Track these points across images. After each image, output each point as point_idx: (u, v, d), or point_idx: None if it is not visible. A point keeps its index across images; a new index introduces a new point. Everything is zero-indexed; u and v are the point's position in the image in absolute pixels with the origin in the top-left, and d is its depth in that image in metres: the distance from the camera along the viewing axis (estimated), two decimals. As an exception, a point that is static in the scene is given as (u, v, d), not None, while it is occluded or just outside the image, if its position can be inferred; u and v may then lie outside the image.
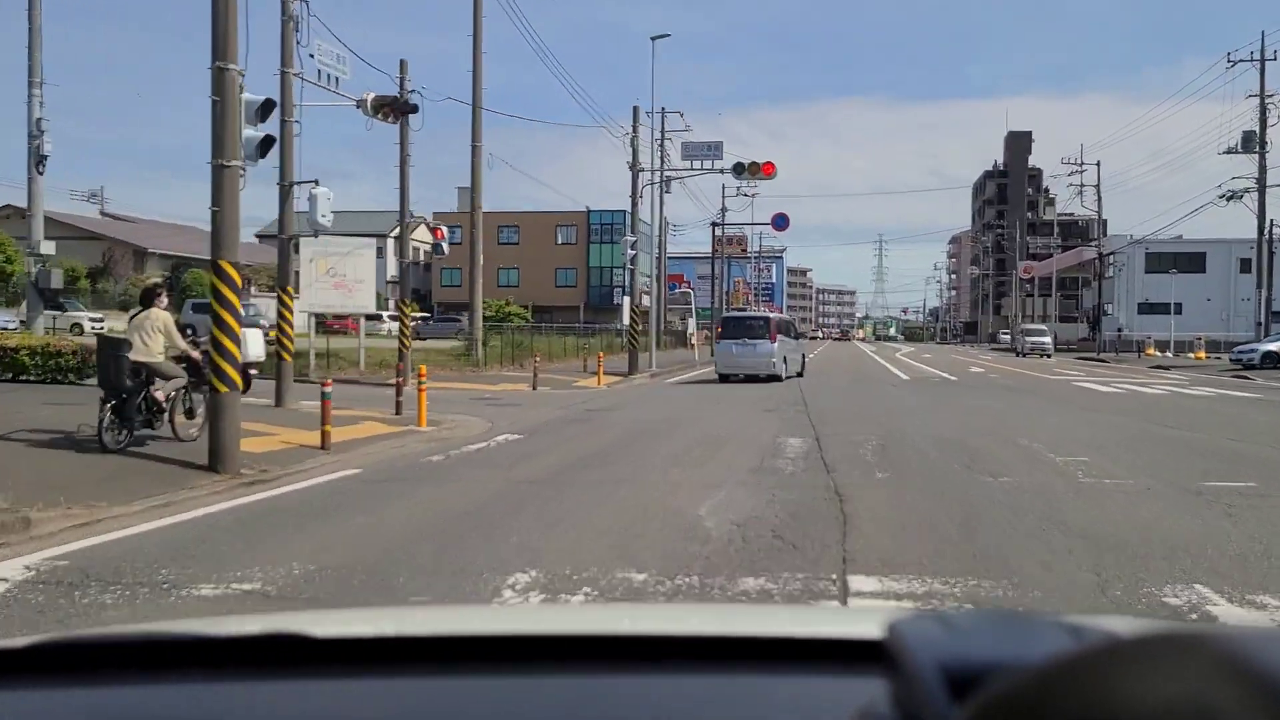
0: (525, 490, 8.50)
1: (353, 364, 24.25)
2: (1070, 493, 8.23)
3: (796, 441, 11.91)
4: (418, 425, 14.08)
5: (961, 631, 0.77)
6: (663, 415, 15.68)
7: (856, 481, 8.88)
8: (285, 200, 16.47)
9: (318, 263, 22.93)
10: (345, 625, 1.37)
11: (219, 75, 9.42)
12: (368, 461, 10.70)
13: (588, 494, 8.31)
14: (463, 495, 8.32)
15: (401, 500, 8.06)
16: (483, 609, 3.98)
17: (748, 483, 8.84)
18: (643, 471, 9.55)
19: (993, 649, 0.71)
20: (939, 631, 0.75)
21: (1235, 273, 62.16)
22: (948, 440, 11.97)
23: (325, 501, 8.13)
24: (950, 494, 8.20)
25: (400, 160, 22.01)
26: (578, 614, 2.34)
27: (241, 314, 9.95)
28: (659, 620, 1.57)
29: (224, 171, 9.48)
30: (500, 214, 74.28)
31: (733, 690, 1.08)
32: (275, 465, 10.18)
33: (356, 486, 8.88)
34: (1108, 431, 13.11)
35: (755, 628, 1.33)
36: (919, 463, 10.08)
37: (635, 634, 1.24)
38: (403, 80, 21.77)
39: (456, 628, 1.29)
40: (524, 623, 1.50)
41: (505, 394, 20.72)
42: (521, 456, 10.78)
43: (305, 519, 7.39)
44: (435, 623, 1.40)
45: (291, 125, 16.41)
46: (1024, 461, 10.16)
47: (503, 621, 1.56)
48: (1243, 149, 40.03)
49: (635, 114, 27.67)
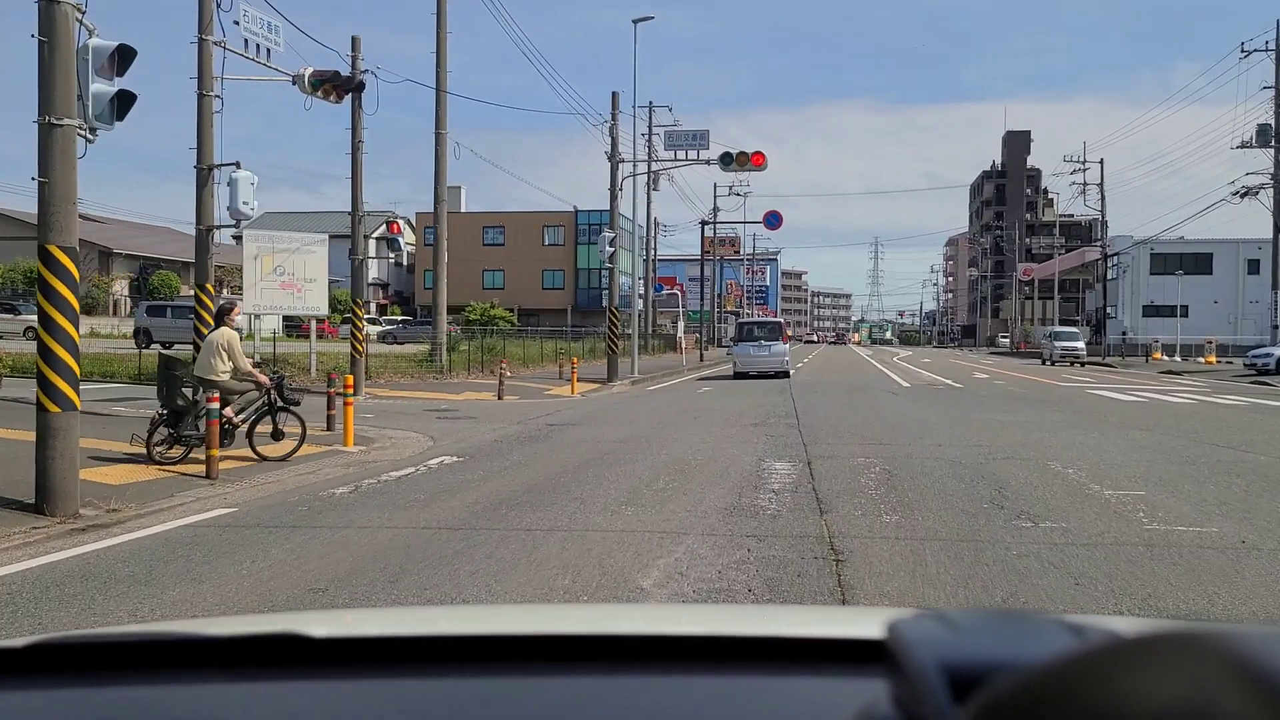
0: (424, 543, 6.48)
1: (303, 370, 22.19)
2: (1142, 550, 6.22)
3: (784, 468, 9.89)
4: (343, 445, 12.06)
5: (963, 631, 0.76)
6: (632, 432, 13.65)
7: (857, 528, 6.88)
8: (203, 185, 14.46)
9: (263, 260, 20.90)
10: (343, 625, 1.40)
11: (47, 10, 7.40)
12: (255, 495, 8.68)
13: (505, 549, 6.31)
14: (337, 550, 6.30)
15: (250, 562, 6.04)
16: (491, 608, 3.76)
17: (717, 531, 6.83)
18: (586, 513, 7.53)
19: (994, 649, 0.71)
20: (940, 631, 0.75)
21: (1243, 274, 60.26)
22: (966, 465, 9.97)
23: (152, 561, 6.11)
24: (985, 551, 6.19)
25: (352, 146, 19.93)
26: (578, 614, 2.03)
27: (76, 312, 7.94)
28: (659, 621, 1.56)
29: (54, 132, 7.48)
30: (485, 214, 72.27)
31: (734, 691, 1.07)
32: (135, 502, 8.18)
33: (211, 536, 6.86)
34: (1154, 453, 11.09)
35: (756, 628, 1.33)
36: (936, 498, 8.08)
37: (635, 634, 1.22)
38: (355, 59, 19.71)
39: (457, 628, 1.29)
40: (525, 623, 1.44)
41: (465, 405, 18.70)
42: (445, 489, 8.76)
43: (104, 590, 5.37)
44: (434, 623, 1.42)
45: (210, 100, 14.41)
46: (1066, 497, 8.16)
47: (508, 621, 1.49)
48: (1257, 143, 38.09)
49: (614, 100, 25.57)
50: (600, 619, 1.57)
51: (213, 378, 10.28)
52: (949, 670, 0.66)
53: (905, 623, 0.77)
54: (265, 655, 1.12)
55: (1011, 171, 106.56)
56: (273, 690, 1.07)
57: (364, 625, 1.39)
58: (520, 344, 33.50)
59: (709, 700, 1.06)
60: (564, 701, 1.03)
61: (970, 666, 0.66)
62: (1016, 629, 0.79)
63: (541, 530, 6.89)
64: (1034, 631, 0.77)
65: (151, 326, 33.79)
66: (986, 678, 0.63)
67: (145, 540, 6.76)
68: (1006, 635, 0.77)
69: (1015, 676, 0.59)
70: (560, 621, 1.48)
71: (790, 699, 1.03)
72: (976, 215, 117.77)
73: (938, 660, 0.68)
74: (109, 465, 9.82)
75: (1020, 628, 0.79)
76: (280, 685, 1.08)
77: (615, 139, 25.35)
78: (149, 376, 21.92)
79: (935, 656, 0.68)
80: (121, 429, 12.95)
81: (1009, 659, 0.66)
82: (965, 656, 0.69)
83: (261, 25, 15.33)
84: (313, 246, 21.61)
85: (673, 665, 1.11)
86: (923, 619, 0.80)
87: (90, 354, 24.60)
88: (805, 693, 1.05)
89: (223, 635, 1.16)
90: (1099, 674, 0.53)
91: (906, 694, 0.70)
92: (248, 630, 1.18)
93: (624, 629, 1.31)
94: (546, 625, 1.36)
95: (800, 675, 1.08)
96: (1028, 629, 0.79)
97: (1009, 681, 0.59)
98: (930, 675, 0.66)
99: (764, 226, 42.38)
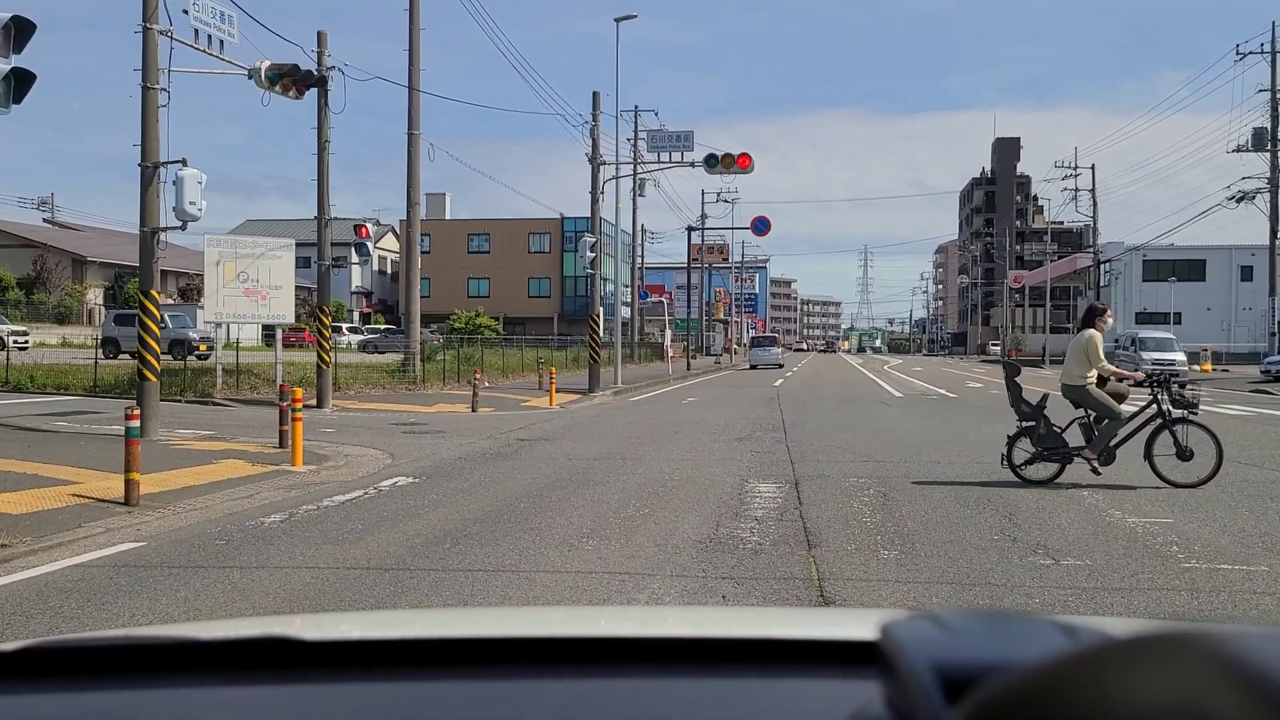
0: (343, 589, 5.52)
1: (268, 381, 21.17)
2: (1186, 596, 5.30)
3: (769, 490, 8.95)
4: (292, 465, 11.07)
5: (955, 632, 0.76)
6: (607, 448, 12.69)
7: (851, 567, 5.94)
8: (148, 185, 13.48)
9: (225, 266, 19.89)
10: (333, 629, 1.39)
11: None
12: (174, 525, 7.70)
13: (437, 596, 5.37)
14: (237, 599, 5.33)
15: (127, 615, 5.06)
16: (481, 611, 3.64)
17: (689, 571, 5.88)
18: (541, 548, 6.57)
19: (987, 650, 0.71)
20: (933, 632, 0.76)
21: (1236, 280, 59.64)
22: (970, 487, 9.04)
23: (12, 615, 5.13)
24: (1003, 598, 5.26)
25: (318, 146, 18.93)
26: (568, 617, 1.96)
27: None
28: (649, 623, 1.55)
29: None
30: (470, 221, 71.28)
31: (725, 693, 1.07)
32: (30, 534, 7.19)
33: (99, 580, 5.88)
34: (1171, 471, 10.17)
35: (747, 630, 1.33)
36: (939, 528, 7.14)
37: (627, 637, 1.21)
38: (321, 54, 18.78)
39: (446, 631, 1.28)
40: (515, 626, 1.43)
41: (435, 418, 17.70)
42: (389, 518, 7.80)
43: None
44: (423, 626, 1.43)
45: (156, 93, 13.43)
46: (1085, 525, 7.23)
47: (498, 625, 1.47)
48: (1253, 147, 37.39)
49: (595, 100, 24.57)
50: (590, 622, 1.58)
51: (1071, 383, 9.19)
52: (941, 671, 0.67)
53: (898, 624, 0.78)
54: (256, 659, 1.11)
55: (1001, 178, 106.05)
56: (262, 694, 1.07)
57: (353, 629, 1.39)
58: (500, 353, 32.46)
59: (700, 703, 1.05)
60: (554, 705, 1.03)
61: (963, 668, 0.67)
62: (1009, 630, 0.79)
63: (485, 571, 5.93)
64: (1026, 632, 0.77)
65: (120, 336, 32.67)
66: (979, 679, 0.63)
67: (17, 586, 5.78)
68: (999, 636, 0.77)
69: (1007, 678, 0.59)
70: (550, 624, 1.46)
71: (782, 701, 1.03)
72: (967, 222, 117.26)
73: (930, 661, 0.68)
74: (17, 492, 8.82)
75: (1012, 628, 0.79)
76: (269, 689, 1.08)
77: (596, 140, 24.39)
78: (105, 388, 20.93)
79: (928, 658, 0.69)
80: (54, 447, 11.96)
81: (1001, 660, 0.66)
82: (958, 658, 0.69)
83: (213, 15, 14.34)
84: (278, 252, 20.61)
85: (663, 668, 1.10)
86: (915, 620, 0.80)
87: (45, 364, 23.62)
88: (797, 694, 1.05)
89: (212, 639, 1.14)
90: (1090, 675, 0.53)
91: (899, 695, 0.70)
92: (238, 634, 1.15)
93: (614, 631, 1.31)
94: (536, 628, 1.35)
95: (792, 677, 1.08)
96: (1020, 630, 0.79)
97: (1001, 683, 0.59)
98: (923, 676, 0.67)
99: (752, 233, 41.46)
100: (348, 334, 50.90)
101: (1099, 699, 0.51)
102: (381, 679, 1.09)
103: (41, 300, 45.72)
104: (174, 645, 1.16)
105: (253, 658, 1.11)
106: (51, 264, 46.15)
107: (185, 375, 21.44)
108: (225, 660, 1.12)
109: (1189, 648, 0.50)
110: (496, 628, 1.37)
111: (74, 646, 1.16)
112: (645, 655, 1.12)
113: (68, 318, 45.49)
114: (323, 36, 18.93)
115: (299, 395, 11.54)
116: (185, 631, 1.21)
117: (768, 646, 1.17)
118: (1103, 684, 0.52)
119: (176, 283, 49.38)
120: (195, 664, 1.12)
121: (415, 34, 22.12)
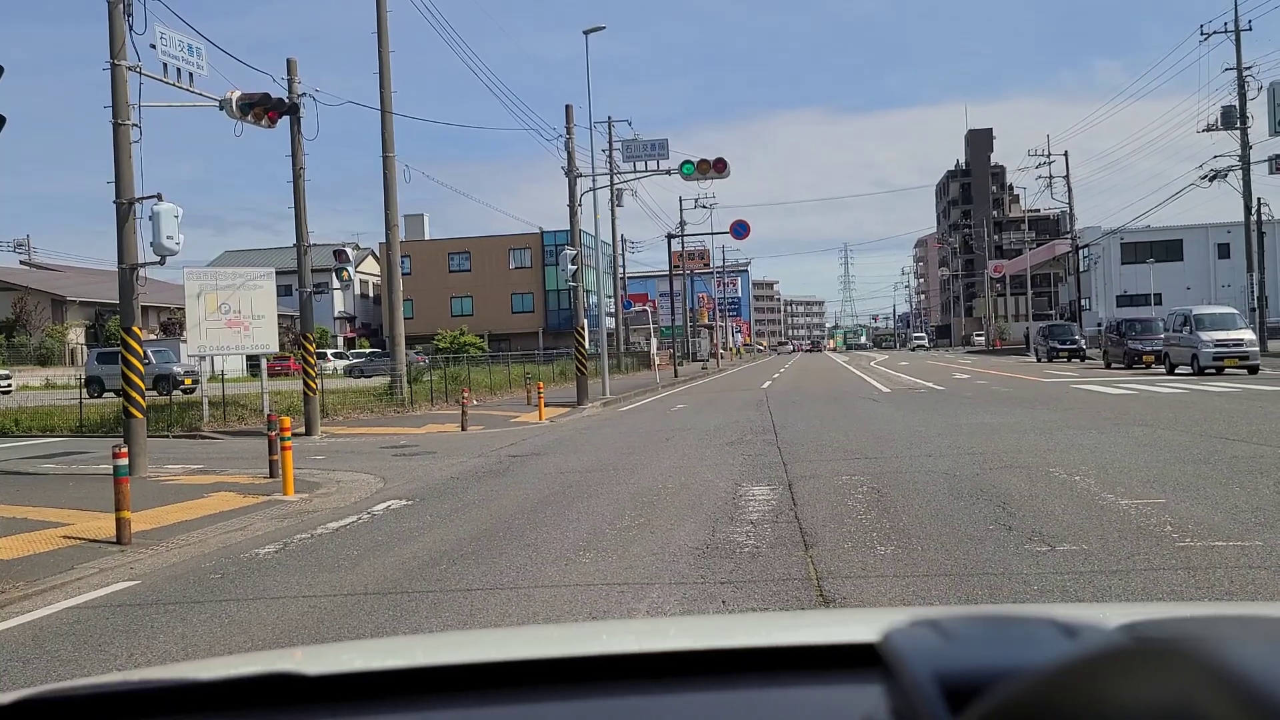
0: (341, 616, 5.50)
1: (255, 411, 21.07)
2: (1183, 575, 5.32)
3: (763, 492, 8.96)
4: (283, 494, 11.02)
5: (955, 639, 0.77)
6: (599, 459, 12.68)
7: (849, 565, 5.95)
8: (124, 221, 13.42)
9: (206, 298, 19.78)
10: (337, 660, 1.38)
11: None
12: (168, 561, 7.66)
13: (437, 618, 5.34)
14: (235, 633, 5.30)
15: (125, 655, 5.03)
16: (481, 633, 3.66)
17: (687, 578, 5.88)
18: (538, 564, 6.56)
19: (987, 656, 0.72)
20: (933, 640, 0.76)
21: (1214, 259, 60.09)
22: (962, 478, 9.07)
23: (10, 661, 5.09)
24: (1001, 586, 5.27)
25: (293, 174, 18.91)
26: (570, 634, 1.94)
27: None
28: (648, 637, 1.56)
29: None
30: (450, 241, 71.25)
31: (733, 705, 1.07)
32: (23, 578, 7.12)
33: (95, 621, 5.84)
34: (1161, 452, 10.24)
35: (747, 639, 1.32)
36: (934, 521, 7.16)
37: (629, 653, 1.22)
38: (291, 82, 18.76)
39: (452, 657, 1.28)
40: (518, 647, 1.43)
41: (426, 439, 17.65)
42: (384, 542, 7.77)
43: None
44: (427, 652, 1.42)
45: (127, 129, 13.38)
46: (1079, 510, 7.26)
47: (499, 648, 1.47)
48: (1223, 125, 37.72)
49: (568, 113, 24.61)
50: (592, 638, 1.58)
51: None
52: (943, 680, 0.67)
53: (899, 633, 0.78)
54: (257, 697, 1.10)
55: (976, 170, 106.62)
56: None
57: (355, 659, 1.38)
58: (487, 371, 32.41)
59: (707, 717, 1.05)
60: None
61: (964, 675, 0.67)
62: (1008, 634, 0.78)
63: (483, 590, 5.92)
64: (1026, 635, 0.77)
65: (103, 375, 32.51)
66: (981, 686, 0.64)
67: (12, 632, 5.72)
68: (999, 641, 0.77)
69: (1008, 688, 0.60)
70: (551, 643, 1.47)
71: (788, 709, 1.03)
72: (944, 215, 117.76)
73: (932, 670, 0.68)
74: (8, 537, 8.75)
75: (1012, 632, 0.79)
76: None
77: (571, 152, 24.42)
78: (91, 428, 20.79)
79: (930, 667, 0.69)
80: (43, 490, 11.88)
81: (1002, 666, 0.67)
82: (959, 665, 0.69)
83: (181, 48, 14.32)
84: (258, 282, 20.51)
85: (667, 682, 1.09)
86: (915, 627, 0.80)
87: (30, 407, 23.46)
88: (803, 702, 1.05)
89: (213, 679, 1.14)
90: (1090, 683, 0.54)
91: (903, 704, 0.71)
92: (239, 672, 1.15)
93: (616, 648, 1.31)
94: (538, 648, 1.35)
95: (797, 684, 1.08)
96: (1019, 633, 0.78)
97: (1002, 693, 0.60)
98: (925, 687, 0.67)
99: (731, 237, 41.55)
100: (333, 360, 50.81)
101: (1097, 708, 0.53)
102: (386, 710, 1.08)
103: (22, 343, 45.45)
104: (173, 688, 1.14)
105: (255, 695, 1.10)
106: (31, 306, 45.89)
107: (171, 410, 21.32)
108: (227, 700, 1.10)
109: (1188, 656, 0.51)
110: (498, 650, 1.37)
111: (71, 696, 1.14)
112: (649, 670, 1.12)
113: (50, 359, 45.23)
114: (292, 64, 18.91)
115: (287, 424, 11.49)
116: (184, 672, 1.20)
117: (771, 654, 1.16)
118: (1101, 693, 0.53)
119: (158, 317, 49.20)
120: (196, 705, 1.10)
121: (385, 57, 22.11)
